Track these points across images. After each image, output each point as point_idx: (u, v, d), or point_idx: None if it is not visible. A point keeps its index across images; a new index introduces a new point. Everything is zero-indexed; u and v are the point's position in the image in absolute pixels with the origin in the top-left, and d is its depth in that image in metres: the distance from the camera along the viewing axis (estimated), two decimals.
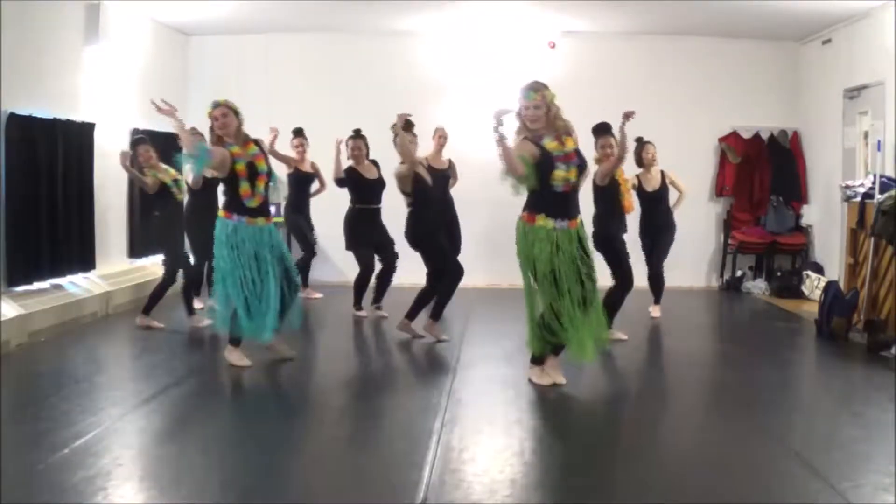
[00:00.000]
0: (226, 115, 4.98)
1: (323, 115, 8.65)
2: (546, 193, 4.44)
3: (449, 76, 8.95)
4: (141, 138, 6.67)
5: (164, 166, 6.40)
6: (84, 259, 6.73)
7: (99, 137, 6.93)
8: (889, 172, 6.47)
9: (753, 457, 3.59)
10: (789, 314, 7.39)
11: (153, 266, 7.96)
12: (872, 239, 5.99)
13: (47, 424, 3.88)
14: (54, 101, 6.36)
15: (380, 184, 6.79)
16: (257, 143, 5.18)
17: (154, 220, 6.60)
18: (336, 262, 8.50)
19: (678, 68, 8.83)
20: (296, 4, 7.77)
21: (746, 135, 8.88)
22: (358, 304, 6.85)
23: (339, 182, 6.74)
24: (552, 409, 4.36)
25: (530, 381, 4.67)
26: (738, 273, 8.87)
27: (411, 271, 6.69)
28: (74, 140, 6.54)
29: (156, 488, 3.19)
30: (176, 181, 6.42)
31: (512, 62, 8.87)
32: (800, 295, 8.19)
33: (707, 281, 9.03)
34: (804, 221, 8.77)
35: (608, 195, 5.87)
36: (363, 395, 4.85)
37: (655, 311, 6.84)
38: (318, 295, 7.85)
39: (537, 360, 4.69)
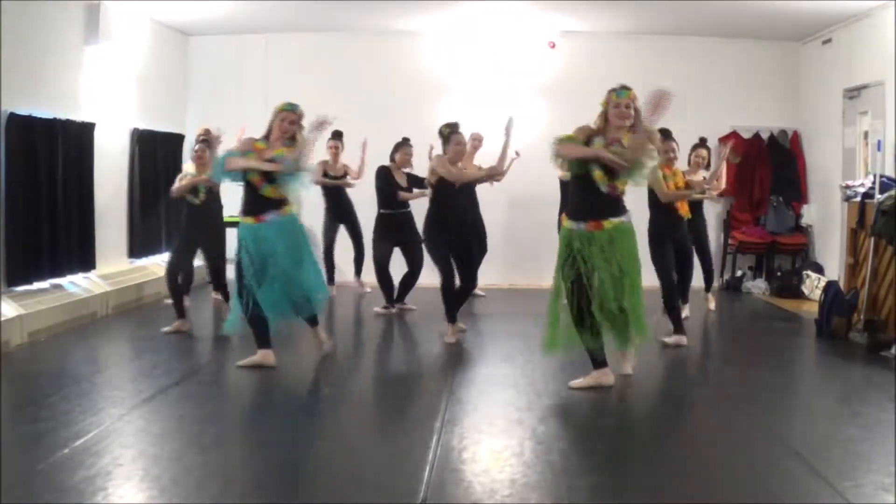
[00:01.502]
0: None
1: (322, 114, 8.66)
2: (576, 191, 4.52)
3: (449, 76, 8.96)
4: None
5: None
6: (84, 259, 6.73)
7: (99, 137, 6.93)
8: (889, 172, 6.47)
9: (753, 457, 3.59)
10: (789, 314, 7.39)
11: (153, 266, 7.97)
12: (872, 239, 5.99)
13: (47, 424, 3.88)
14: (54, 101, 6.37)
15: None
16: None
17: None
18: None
19: (678, 68, 8.82)
20: (296, 4, 7.77)
21: (746, 135, 8.88)
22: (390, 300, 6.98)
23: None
24: (552, 409, 4.36)
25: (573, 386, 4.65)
26: (738, 273, 8.87)
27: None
28: (74, 140, 6.54)
29: (156, 488, 3.19)
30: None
31: (512, 62, 8.88)
32: (800, 295, 8.19)
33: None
34: (804, 221, 8.77)
35: (654, 198, 5.90)
36: (363, 395, 4.85)
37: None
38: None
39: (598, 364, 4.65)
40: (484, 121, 7.80)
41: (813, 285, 8.04)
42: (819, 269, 8.26)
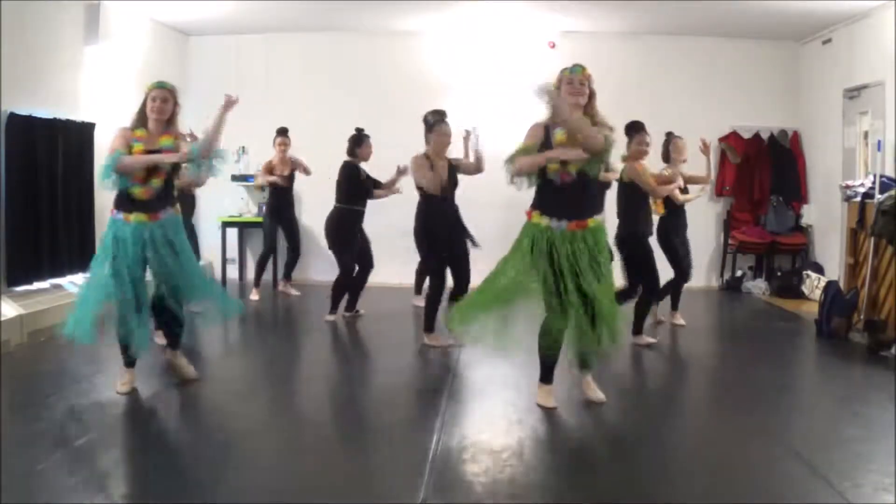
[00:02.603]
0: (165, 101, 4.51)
1: (323, 114, 8.68)
2: (544, 188, 4.23)
3: (449, 76, 8.95)
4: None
5: None
6: (84, 259, 6.70)
7: (99, 137, 6.92)
8: (889, 172, 6.47)
9: (753, 457, 3.59)
10: (789, 314, 7.39)
11: None
12: (872, 239, 5.99)
13: (47, 424, 3.88)
14: (54, 101, 6.37)
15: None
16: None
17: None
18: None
19: (678, 68, 8.83)
20: (296, 4, 7.77)
21: (746, 135, 8.88)
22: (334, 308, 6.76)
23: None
24: (552, 409, 4.35)
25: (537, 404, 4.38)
26: (738, 273, 8.87)
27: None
28: (74, 140, 6.54)
29: (156, 488, 3.19)
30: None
31: (512, 62, 8.87)
32: (800, 295, 8.19)
33: (707, 281, 9.02)
34: (804, 221, 8.77)
35: (633, 193, 5.71)
36: (363, 395, 4.85)
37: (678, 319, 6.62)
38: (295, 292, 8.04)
39: (545, 379, 4.40)
40: (484, 121, 7.79)
41: (813, 285, 8.04)
42: (819, 269, 8.26)
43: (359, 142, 6.61)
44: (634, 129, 5.77)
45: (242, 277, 8.97)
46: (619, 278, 5.05)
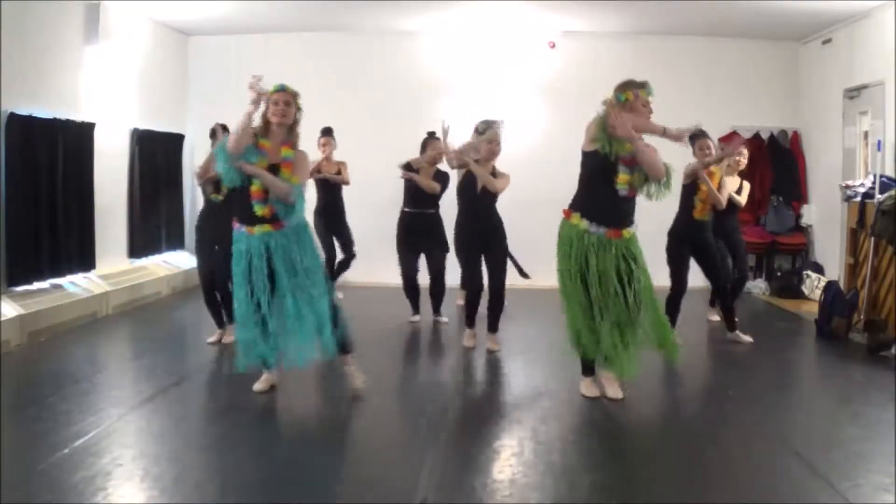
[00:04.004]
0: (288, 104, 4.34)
1: (323, 114, 8.64)
2: (597, 194, 4.29)
3: (449, 76, 8.96)
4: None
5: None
6: (84, 259, 6.73)
7: (99, 137, 6.93)
8: (889, 172, 6.47)
9: (753, 457, 3.59)
10: (789, 314, 7.39)
11: (153, 266, 7.98)
12: (872, 239, 5.99)
13: (47, 424, 3.88)
14: (54, 101, 6.37)
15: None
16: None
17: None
18: None
19: (678, 68, 8.83)
20: (296, 4, 7.77)
21: (746, 135, 8.87)
22: None
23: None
24: (552, 409, 4.35)
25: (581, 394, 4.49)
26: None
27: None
28: (74, 140, 6.54)
29: (156, 488, 3.19)
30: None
31: (512, 62, 8.88)
32: (800, 295, 8.19)
33: (706, 281, 9.01)
34: (804, 221, 8.77)
35: (686, 194, 5.84)
36: (363, 395, 4.85)
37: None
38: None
39: (587, 371, 4.52)
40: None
41: (813, 285, 8.04)
42: (819, 269, 8.26)
43: (423, 146, 6.47)
44: (695, 136, 5.80)
45: None
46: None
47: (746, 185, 6.53)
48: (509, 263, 5.70)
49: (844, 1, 7.05)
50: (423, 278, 6.52)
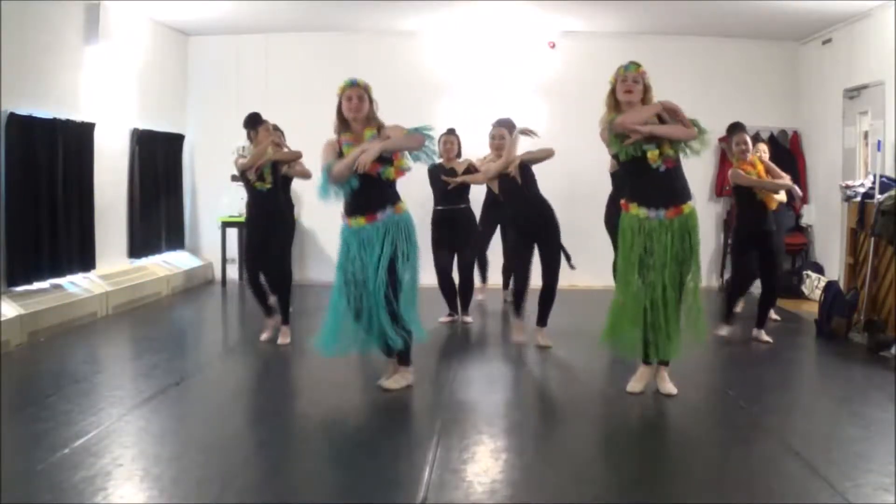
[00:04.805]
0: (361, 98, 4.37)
1: (322, 114, 8.64)
2: (638, 176, 4.27)
3: (449, 76, 8.95)
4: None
5: None
6: (84, 259, 6.73)
7: (99, 137, 6.93)
8: (889, 172, 6.47)
9: (753, 457, 3.59)
10: (789, 314, 7.39)
11: (153, 266, 7.98)
12: (872, 239, 5.99)
13: (47, 424, 3.88)
14: (54, 101, 6.37)
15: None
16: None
17: None
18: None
19: (678, 68, 8.81)
20: (296, 4, 7.77)
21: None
22: None
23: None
24: (552, 409, 4.35)
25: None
26: None
27: None
28: (74, 140, 6.54)
29: (156, 488, 3.19)
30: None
31: (512, 62, 8.88)
32: (800, 295, 8.19)
33: (707, 281, 9.00)
34: (804, 221, 8.77)
35: (741, 192, 5.92)
36: (363, 394, 4.85)
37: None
38: None
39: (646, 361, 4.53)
40: (484, 121, 7.80)
41: (813, 285, 8.04)
42: (819, 269, 8.26)
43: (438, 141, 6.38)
44: (732, 130, 5.81)
45: (242, 277, 8.96)
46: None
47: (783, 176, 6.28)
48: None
49: (844, 1, 7.05)
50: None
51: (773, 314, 6.71)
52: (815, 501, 3.09)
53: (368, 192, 4.26)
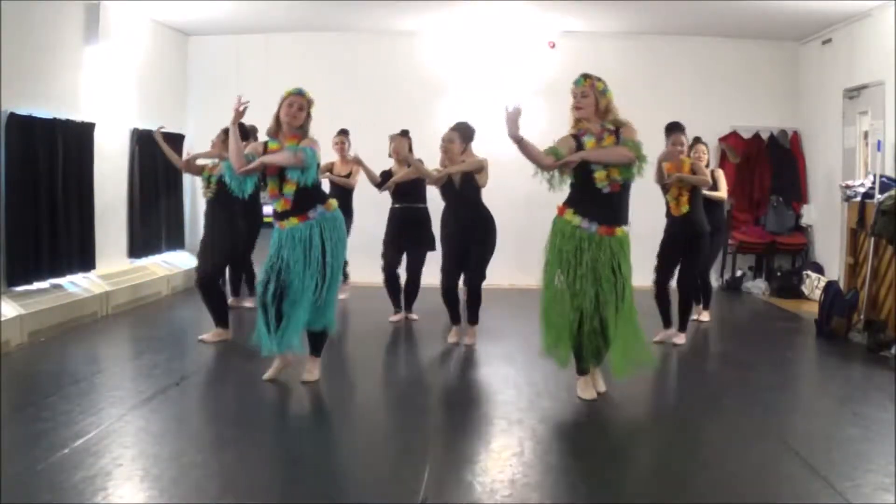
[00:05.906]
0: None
1: (322, 114, 8.63)
2: (586, 192, 4.28)
3: (449, 76, 8.96)
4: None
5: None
6: (84, 259, 6.73)
7: (99, 137, 6.93)
8: (889, 172, 6.47)
9: (753, 457, 3.59)
10: (789, 314, 7.39)
11: (153, 266, 7.98)
12: (872, 239, 5.99)
13: (47, 424, 3.88)
14: (54, 101, 6.37)
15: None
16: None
17: None
18: None
19: (678, 68, 8.83)
20: (296, 4, 7.77)
21: (746, 135, 8.88)
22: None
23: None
24: (552, 409, 4.35)
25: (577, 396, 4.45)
26: (738, 273, 8.87)
27: None
28: (74, 140, 6.54)
29: (156, 488, 3.19)
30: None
31: (512, 62, 8.88)
32: (800, 295, 8.20)
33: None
34: (804, 221, 8.77)
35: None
36: (362, 395, 4.85)
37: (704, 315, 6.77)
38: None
39: (582, 371, 4.48)
40: (484, 121, 7.80)
41: (813, 285, 8.05)
42: (819, 269, 8.26)
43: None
44: (670, 130, 5.81)
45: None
46: None
47: (720, 175, 6.48)
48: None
49: (844, 1, 7.05)
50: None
51: (701, 315, 6.72)
52: (815, 501, 3.09)
53: (298, 197, 4.48)
